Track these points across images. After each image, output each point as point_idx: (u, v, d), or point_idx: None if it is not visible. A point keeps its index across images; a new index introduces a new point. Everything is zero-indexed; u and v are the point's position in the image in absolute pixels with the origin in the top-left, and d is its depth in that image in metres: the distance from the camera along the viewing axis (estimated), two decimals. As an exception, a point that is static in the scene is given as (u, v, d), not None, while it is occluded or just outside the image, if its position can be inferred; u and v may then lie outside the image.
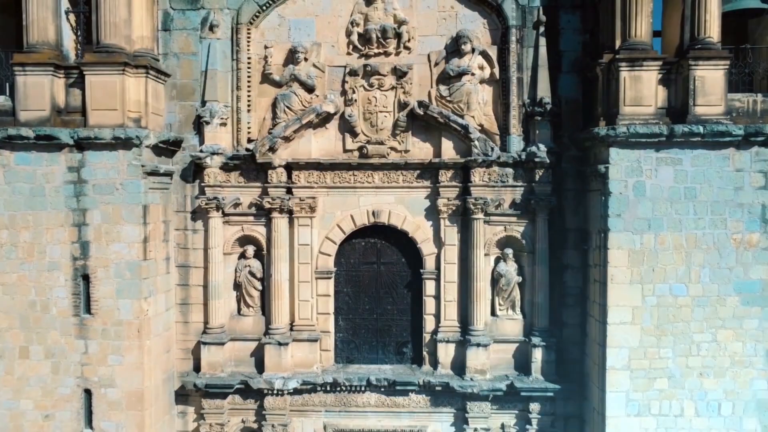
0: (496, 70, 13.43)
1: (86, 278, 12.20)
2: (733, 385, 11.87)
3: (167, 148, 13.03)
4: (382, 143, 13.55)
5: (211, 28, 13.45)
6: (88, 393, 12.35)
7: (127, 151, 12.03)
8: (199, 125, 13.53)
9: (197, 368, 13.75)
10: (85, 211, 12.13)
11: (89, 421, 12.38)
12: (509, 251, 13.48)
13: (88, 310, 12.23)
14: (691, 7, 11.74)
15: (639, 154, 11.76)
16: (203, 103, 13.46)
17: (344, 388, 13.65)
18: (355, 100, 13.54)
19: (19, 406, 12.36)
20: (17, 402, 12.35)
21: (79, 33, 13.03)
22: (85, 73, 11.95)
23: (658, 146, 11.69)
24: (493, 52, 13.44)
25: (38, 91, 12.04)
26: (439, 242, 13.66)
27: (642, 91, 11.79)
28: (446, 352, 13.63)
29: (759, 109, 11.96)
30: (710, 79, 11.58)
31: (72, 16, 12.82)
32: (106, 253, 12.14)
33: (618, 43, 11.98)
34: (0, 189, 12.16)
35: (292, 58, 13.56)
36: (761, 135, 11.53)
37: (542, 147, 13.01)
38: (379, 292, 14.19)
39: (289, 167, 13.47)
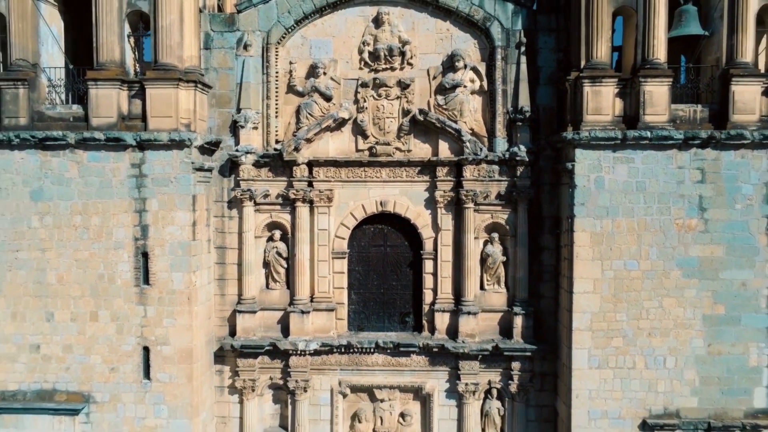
0: (485, 83, 16.37)
1: (145, 255, 15.15)
2: (676, 343, 14.82)
3: (209, 147, 15.96)
4: (388, 144, 16.49)
5: (245, 47, 16.39)
6: (146, 350, 15.30)
7: (180, 150, 14.98)
8: (234, 128, 16.46)
9: (232, 333, 16.71)
10: (144, 200, 15.08)
11: (147, 373, 15.33)
12: (495, 235, 16.43)
13: (146, 281, 15.18)
14: (643, 32, 14.67)
15: (599, 154, 14.70)
16: (238, 110, 16.40)
17: (356, 350, 16.61)
18: (366, 108, 16.47)
19: (89, 361, 15.32)
20: (88, 357, 15.31)
21: (137, 53, 15.96)
22: (146, 86, 14.89)
23: (614, 148, 14.63)
24: (482, 68, 16.38)
25: (107, 102, 14.99)
26: (436, 228, 16.60)
27: (601, 102, 14.73)
28: (442, 320, 16.58)
29: (698, 117, 14.89)
30: (657, 93, 14.52)
31: (132, 39, 15.73)
32: (162, 235, 15.09)
33: (583, 63, 14.91)
34: (75, 182, 15.11)
35: (312, 72, 16.49)
36: (698, 139, 14.48)
37: (523, 148, 15.95)
38: (386, 270, 17.14)
39: (311, 164, 16.41)
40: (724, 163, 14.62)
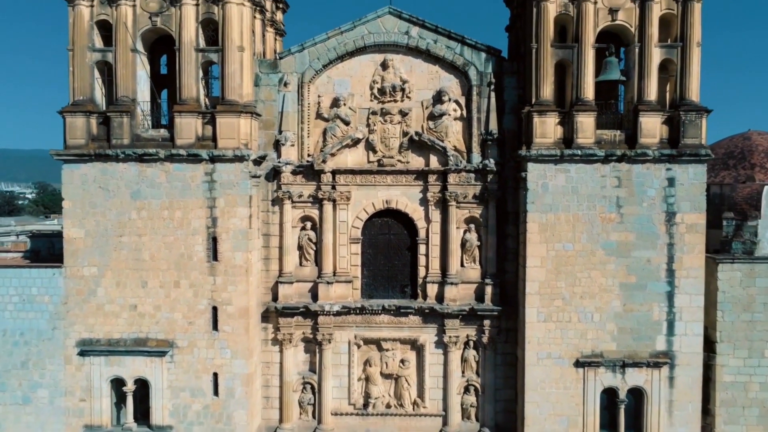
0: (464, 112, 22.56)
1: (215, 239, 21.33)
2: (600, 303, 21.00)
3: (259, 160, 22.13)
4: (392, 157, 22.66)
5: (285, 84, 22.56)
6: (214, 309, 21.46)
7: (240, 163, 21.15)
8: (277, 146, 22.64)
9: (274, 299, 22.89)
10: (215, 198, 21.24)
11: (215, 326, 21.49)
12: (472, 226, 22.62)
13: (215, 258, 21.35)
14: (576, 78, 20.85)
15: (545, 166, 20.87)
16: (280, 132, 22.57)
17: (367, 312, 22.78)
18: (375, 130, 22.64)
19: (173, 316, 21.49)
20: (172, 314, 21.47)
21: (206, 89, 22.13)
22: (216, 117, 21.07)
23: (555, 162, 20.81)
24: (462, 101, 22.57)
25: (187, 127, 21.17)
26: (428, 220, 22.75)
27: (546, 129, 20.91)
28: (432, 289, 22.74)
29: (617, 139, 21.09)
30: (586, 122, 20.71)
31: (203, 81, 21.90)
32: (227, 224, 21.26)
33: (533, 99, 21.09)
34: (163, 185, 21.27)
35: (335, 103, 22.66)
36: (615, 155, 20.68)
37: (492, 161, 22.12)
38: (390, 252, 23.33)
39: (334, 172, 22.56)
40: (635, 173, 20.82)
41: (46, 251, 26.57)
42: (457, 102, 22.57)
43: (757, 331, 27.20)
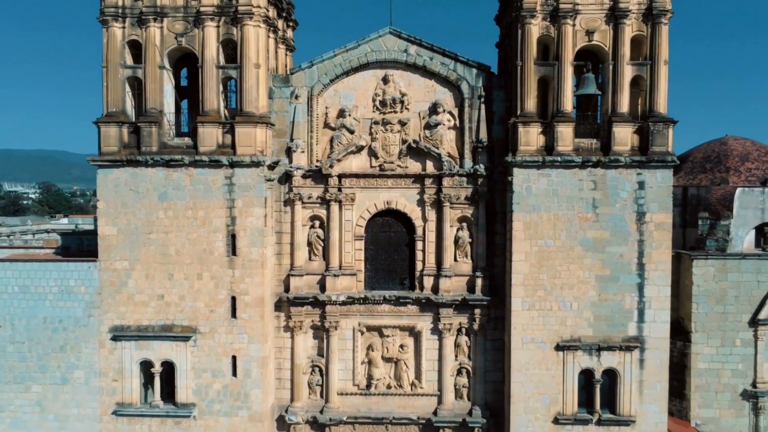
0: (457, 122, 25.15)
1: (233, 236, 23.96)
2: (578, 293, 23.60)
3: (273, 165, 24.76)
4: (392, 162, 25.26)
5: (296, 97, 25.18)
6: (233, 299, 24.10)
7: (256, 168, 23.78)
8: (288, 152, 25.26)
9: (286, 290, 25.51)
10: (233, 199, 23.87)
11: (234, 314, 24.12)
12: (464, 224, 25.24)
13: (234, 253, 23.98)
14: (556, 92, 23.46)
15: (529, 171, 23.49)
16: (291, 139, 25.19)
17: (370, 302, 25.41)
18: (377, 138, 25.25)
19: (196, 305, 24.11)
20: (195, 303, 24.08)
21: (225, 101, 24.75)
22: (235, 126, 23.71)
23: (538, 167, 23.42)
24: (455, 112, 25.17)
25: (209, 136, 23.82)
26: (424, 219, 25.37)
27: (530, 138, 23.52)
28: (428, 282, 25.37)
29: (593, 147, 23.71)
30: (565, 132, 23.32)
31: (222, 94, 24.52)
32: (244, 223, 23.88)
33: (519, 111, 23.70)
34: (188, 188, 23.90)
35: (341, 114, 25.28)
36: (591, 162, 23.31)
37: (482, 166, 24.73)
38: (390, 248, 25.98)
39: (340, 176, 25.17)
40: (609, 177, 23.44)
41: (76, 247, 29.31)
42: (450, 113, 25.17)
43: (728, 322, 30.11)
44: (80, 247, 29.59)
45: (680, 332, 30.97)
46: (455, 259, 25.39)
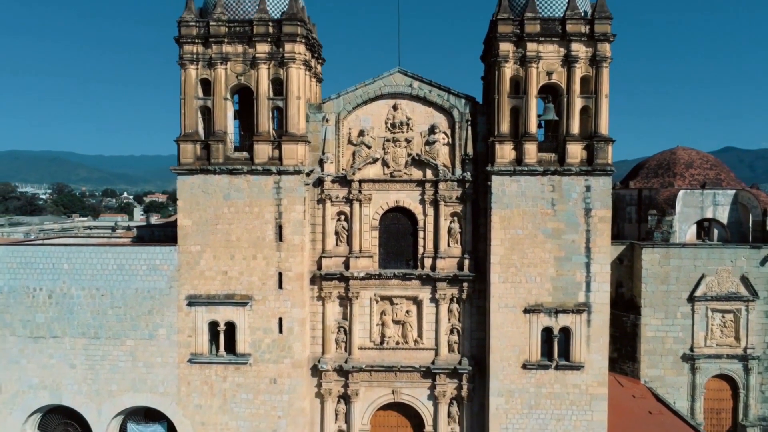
0: (450, 140, 33.13)
1: (280, 227, 31.92)
2: (541, 270, 31.50)
3: (309, 173, 32.70)
4: (400, 171, 33.22)
5: (327, 120, 33.17)
6: (280, 274, 32.05)
7: (298, 175, 31.76)
8: (321, 163, 33.24)
9: (319, 269, 33.43)
10: (280, 199, 31.84)
11: (280, 285, 32.06)
12: (455, 218, 33.22)
13: (281, 239, 31.94)
14: (524, 117, 31.37)
15: (503, 178, 31.44)
16: (323, 153, 33.18)
17: (384, 277, 33.39)
18: (388, 152, 33.21)
19: (252, 279, 32.05)
20: (251, 277, 32.04)
21: (273, 126, 32.71)
22: (282, 144, 31.69)
23: (510, 175, 31.35)
24: (448, 132, 33.15)
25: (262, 151, 31.80)
26: (425, 214, 33.33)
27: (504, 153, 31.46)
28: (428, 262, 33.34)
29: (552, 159, 31.59)
30: (530, 148, 31.26)
31: (270, 119, 32.49)
32: (289, 216, 31.85)
33: (496, 132, 31.65)
34: (246, 190, 31.86)
35: (361, 133, 33.27)
36: (550, 171, 31.16)
37: (469, 174, 32.69)
38: (398, 237, 33.93)
39: (360, 181, 33.12)
40: (564, 183, 31.34)
41: (148, 237, 37.43)
42: (445, 133, 33.11)
43: (671, 299, 38.39)
44: (151, 237, 37.74)
45: (632, 307, 39.15)
46: (448, 245, 33.30)
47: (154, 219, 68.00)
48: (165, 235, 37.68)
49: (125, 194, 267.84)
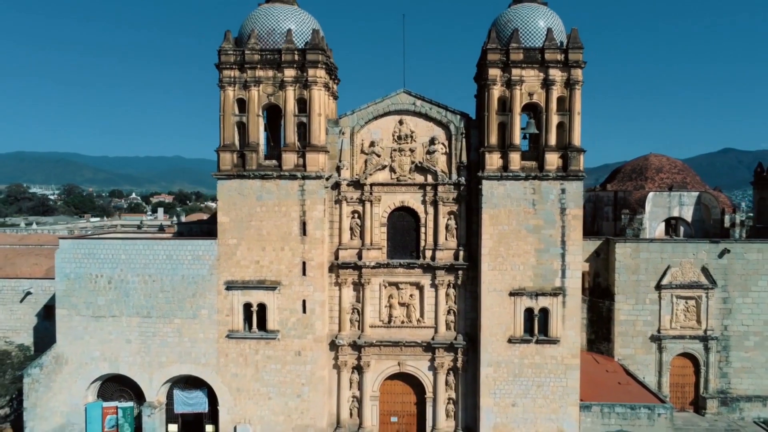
0: (447, 150, 39.29)
1: (304, 223, 38.12)
2: (524, 260, 37.64)
3: (328, 178, 38.86)
4: (405, 176, 39.39)
5: (342, 133, 39.36)
6: (303, 263, 38.22)
7: (319, 180, 37.98)
8: (338, 169, 39.42)
9: (336, 259, 39.57)
10: (304, 200, 38.03)
11: (304, 272, 38.23)
12: (452, 216, 39.39)
13: (304, 234, 38.12)
14: (510, 131, 37.51)
15: (492, 182, 37.59)
16: (339, 161, 39.36)
17: (390, 266, 39.57)
18: (395, 160, 39.38)
19: (280, 267, 38.19)
20: (279, 266, 38.19)
21: (297, 139, 38.91)
22: (306, 153, 37.90)
23: (498, 179, 37.48)
24: (446, 143, 39.32)
25: (290, 159, 38.01)
26: (426, 213, 39.50)
27: (493, 161, 37.62)
28: (429, 253, 39.51)
29: (534, 167, 37.72)
30: (515, 157, 37.45)
31: (295, 132, 38.67)
32: (311, 214, 38.06)
33: (486, 144, 37.79)
34: (275, 193, 38.05)
35: (372, 144, 39.46)
36: (531, 177, 37.28)
37: (463, 179, 38.86)
38: (403, 232, 40.08)
39: (371, 185, 39.28)
40: (543, 187, 37.45)
41: (188, 232, 43.63)
42: (443, 143, 39.24)
43: (641, 287, 44.56)
44: (190, 232, 43.95)
45: (608, 295, 45.28)
46: (446, 239, 39.42)
47: (183, 219, 74.90)
48: (201, 230, 43.97)
49: (133, 195, 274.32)
